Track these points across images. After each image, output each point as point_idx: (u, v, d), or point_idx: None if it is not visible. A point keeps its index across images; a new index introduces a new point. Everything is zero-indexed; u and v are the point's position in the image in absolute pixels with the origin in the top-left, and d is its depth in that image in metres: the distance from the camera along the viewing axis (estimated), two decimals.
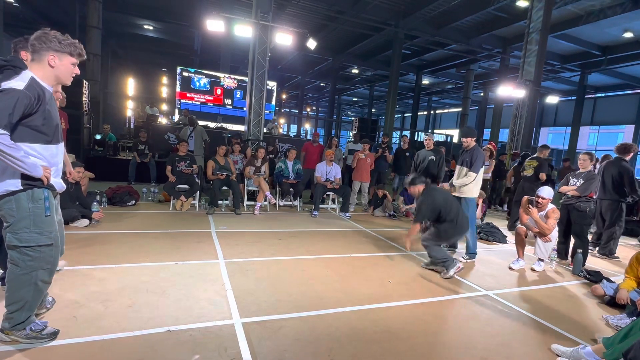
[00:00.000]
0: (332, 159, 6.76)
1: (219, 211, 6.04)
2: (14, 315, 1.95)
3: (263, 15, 8.40)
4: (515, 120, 10.03)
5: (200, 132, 8.08)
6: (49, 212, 1.95)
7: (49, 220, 1.96)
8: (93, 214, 4.56)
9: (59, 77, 1.94)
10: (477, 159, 4.32)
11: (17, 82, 1.77)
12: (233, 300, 2.73)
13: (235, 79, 14.39)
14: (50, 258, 1.99)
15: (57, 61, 1.89)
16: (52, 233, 1.97)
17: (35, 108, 1.81)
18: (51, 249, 1.98)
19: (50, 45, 1.86)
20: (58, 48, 1.88)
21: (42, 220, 1.92)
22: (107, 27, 14.35)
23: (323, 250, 4.30)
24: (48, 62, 1.87)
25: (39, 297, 2.02)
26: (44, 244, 1.93)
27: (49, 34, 1.87)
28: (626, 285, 3.17)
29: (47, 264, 1.98)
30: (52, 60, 1.88)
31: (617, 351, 2.07)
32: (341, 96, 31.44)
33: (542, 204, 4.15)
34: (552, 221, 4.09)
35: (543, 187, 4.22)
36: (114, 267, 3.22)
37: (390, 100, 15.73)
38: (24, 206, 1.87)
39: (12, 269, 1.92)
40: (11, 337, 1.97)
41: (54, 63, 1.89)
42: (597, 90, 20.72)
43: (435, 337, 2.50)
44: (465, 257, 4.40)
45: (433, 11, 12.92)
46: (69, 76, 1.98)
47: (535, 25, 9.53)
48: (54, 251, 2.00)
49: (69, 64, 1.94)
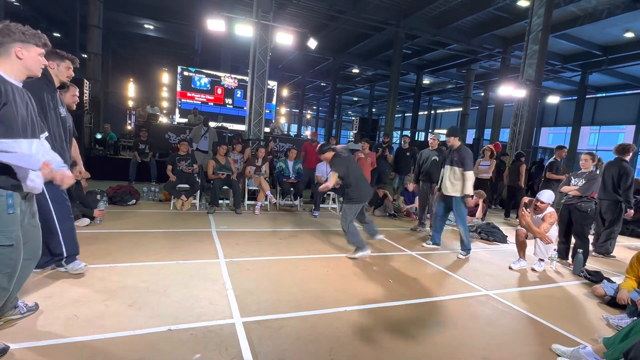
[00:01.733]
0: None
1: (220, 211, 6.04)
2: None
3: (264, 15, 8.40)
4: (516, 120, 10.02)
5: (213, 133, 8.36)
6: (12, 210, 1.83)
7: (11, 219, 1.83)
8: (95, 212, 4.56)
9: (29, 68, 1.88)
10: (466, 157, 4.43)
11: None
12: (234, 300, 2.74)
13: (236, 78, 14.38)
14: (10, 261, 1.84)
15: (25, 52, 1.84)
16: (12, 233, 1.83)
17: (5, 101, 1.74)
18: (11, 251, 1.83)
19: (14, 37, 1.80)
20: (23, 39, 1.83)
21: (1, 218, 1.80)
22: (107, 26, 14.35)
23: (323, 250, 4.30)
24: (15, 54, 1.82)
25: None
26: (2, 245, 1.80)
27: (10, 26, 1.81)
28: (627, 286, 3.17)
29: (7, 267, 1.83)
30: (19, 52, 1.82)
31: (618, 351, 2.07)
32: (342, 96, 31.42)
33: (540, 208, 4.14)
34: (547, 225, 4.07)
35: (544, 191, 4.21)
36: (115, 266, 3.23)
37: (390, 100, 15.71)
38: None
39: None
40: None
41: (21, 55, 1.83)
42: (598, 91, 20.69)
43: (435, 337, 2.50)
44: (462, 253, 4.50)
45: (434, 11, 12.91)
46: (39, 67, 1.93)
47: (536, 25, 9.51)
48: (14, 253, 1.85)
49: (37, 55, 1.89)
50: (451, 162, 4.56)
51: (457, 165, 4.48)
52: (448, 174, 4.58)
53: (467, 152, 4.48)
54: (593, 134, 23.95)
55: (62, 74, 2.72)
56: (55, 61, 2.67)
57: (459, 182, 4.49)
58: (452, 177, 4.53)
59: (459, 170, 4.48)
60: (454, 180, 4.51)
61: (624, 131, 22.22)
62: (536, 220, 4.20)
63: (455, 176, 4.50)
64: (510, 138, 10.28)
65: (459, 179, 4.49)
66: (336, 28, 15.04)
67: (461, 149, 4.52)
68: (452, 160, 4.53)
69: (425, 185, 5.78)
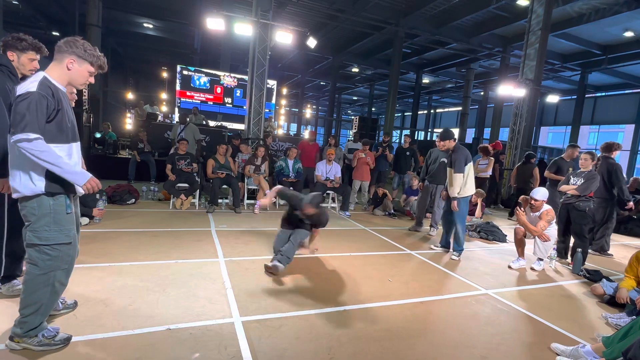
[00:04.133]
0: (332, 158, 6.75)
1: (219, 210, 6.04)
2: (28, 319, 1.90)
3: (263, 14, 8.39)
4: (516, 119, 10.01)
5: (193, 130, 7.80)
6: (70, 209, 1.97)
7: (69, 218, 1.97)
8: (94, 212, 4.56)
9: (72, 80, 1.98)
10: (458, 158, 4.37)
11: (31, 84, 1.80)
12: (233, 299, 2.74)
13: (235, 77, 14.37)
14: (68, 257, 1.99)
15: (76, 65, 1.94)
16: (71, 232, 1.97)
17: (55, 106, 1.85)
18: (69, 248, 1.98)
19: (74, 50, 1.92)
20: (81, 55, 1.93)
21: (62, 218, 1.93)
22: (106, 25, 14.31)
23: (323, 249, 4.29)
24: (66, 65, 1.92)
25: (54, 300, 2.00)
26: (62, 242, 1.93)
27: (79, 40, 1.94)
28: (626, 285, 3.17)
29: (65, 263, 1.97)
30: (70, 63, 1.93)
31: (617, 350, 2.07)
32: (341, 95, 31.38)
33: (535, 206, 4.14)
34: (544, 223, 4.06)
35: (538, 189, 4.21)
36: (114, 265, 3.23)
37: (390, 99, 15.69)
38: (45, 204, 1.88)
39: (30, 269, 1.91)
40: (22, 344, 1.92)
41: (71, 66, 1.93)
42: (598, 90, 20.68)
43: (435, 336, 2.50)
44: (454, 254, 4.42)
45: (433, 10, 12.89)
46: (83, 82, 2.02)
47: (535, 24, 9.50)
48: (72, 250, 2.00)
49: (86, 71, 1.99)
50: (450, 164, 4.52)
51: (450, 165, 4.47)
52: (448, 176, 4.56)
53: (460, 154, 4.40)
54: (592, 134, 23.97)
55: (23, 67, 2.41)
56: (15, 52, 2.38)
57: (458, 183, 4.41)
58: (450, 179, 4.48)
59: (450, 171, 4.47)
60: (454, 182, 4.43)
61: (624, 130, 22.25)
62: (533, 218, 4.20)
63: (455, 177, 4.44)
64: (509, 137, 10.28)
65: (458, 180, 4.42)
66: (336, 27, 15.01)
67: (456, 150, 4.44)
68: (451, 162, 4.50)
69: (430, 186, 5.74)
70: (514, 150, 9.98)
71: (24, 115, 1.73)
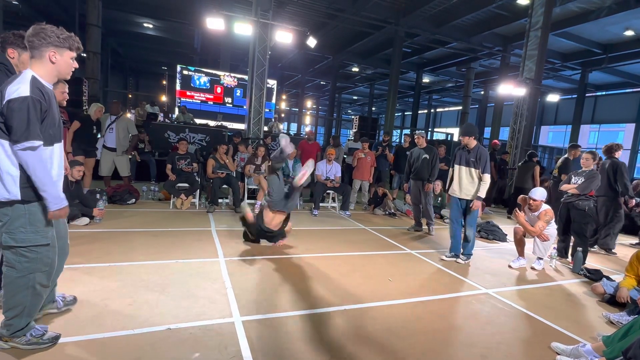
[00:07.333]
0: (332, 158, 6.74)
1: (219, 209, 6.04)
2: (13, 322, 1.88)
3: (263, 14, 8.38)
4: (516, 118, 10.00)
5: (126, 123, 6.49)
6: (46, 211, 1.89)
7: (46, 220, 1.89)
8: (95, 211, 4.56)
9: (60, 72, 1.90)
10: (485, 158, 4.16)
11: (23, 87, 1.72)
12: (233, 299, 2.74)
13: (235, 77, 14.38)
14: (47, 259, 1.91)
15: (58, 57, 1.85)
16: (49, 232, 1.90)
17: (46, 108, 1.80)
18: (48, 250, 1.90)
19: (50, 41, 1.81)
20: (58, 43, 1.83)
21: (38, 219, 1.85)
22: (106, 25, 14.32)
23: (323, 249, 4.30)
24: (49, 59, 1.83)
25: (37, 302, 1.95)
26: (40, 244, 1.86)
27: (46, 28, 1.81)
28: (626, 284, 3.17)
29: (45, 265, 1.90)
30: (52, 56, 1.83)
31: (617, 349, 2.07)
32: (341, 94, 31.37)
33: (533, 206, 4.13)
34: (542, 223, 4.05)
35: (536, 189, 4.20)
36: (114, 265, 3.23)
37: (390, 99, 15.68)
38: (18, 206, 1.81)
39: (8, 272, 1.85)
40: (10, 343, 1.90)
41: (54, 59, 1.84)
42: (598, 89, 20.66)
43: (435, 336, 2.50)
44: (463, 258, 4.26)
45: (433, 9, 12.87)
46: (69, 71, 1.94)
47: (535, 24, 9.48)
48: (51, 252, 1.93)
49: (69, 59, 1.90)
50: (467, 163, 4.22)
51: (474, 166, 4.18)
52: (464, 175, 4.26)
53: (486, 153, 4.20)
54: (593, 133, 23.92)
55: (23, 65, 2.26)
56: (17, 50, 2.27)
57: (475, 184, 4.21)
58: (468, 179, 4.23)
59: (475, 171, 4.19)
60: (471, 182, 4.22)
61: (624, 129, 22.20)
62: (532, 218, 4.19)
63: (473, 178, 4.21)
64: (510, 136, 10.26)
65: (476, 181, 4.21)
66: (336, 26, 15.00)
67: (479, 150, 4.20)
68: (469, 161, 4.22)
69: (416, 183, 5.73)
70: (514, 150, 9.97)
71: (27, 122, 1.68)
